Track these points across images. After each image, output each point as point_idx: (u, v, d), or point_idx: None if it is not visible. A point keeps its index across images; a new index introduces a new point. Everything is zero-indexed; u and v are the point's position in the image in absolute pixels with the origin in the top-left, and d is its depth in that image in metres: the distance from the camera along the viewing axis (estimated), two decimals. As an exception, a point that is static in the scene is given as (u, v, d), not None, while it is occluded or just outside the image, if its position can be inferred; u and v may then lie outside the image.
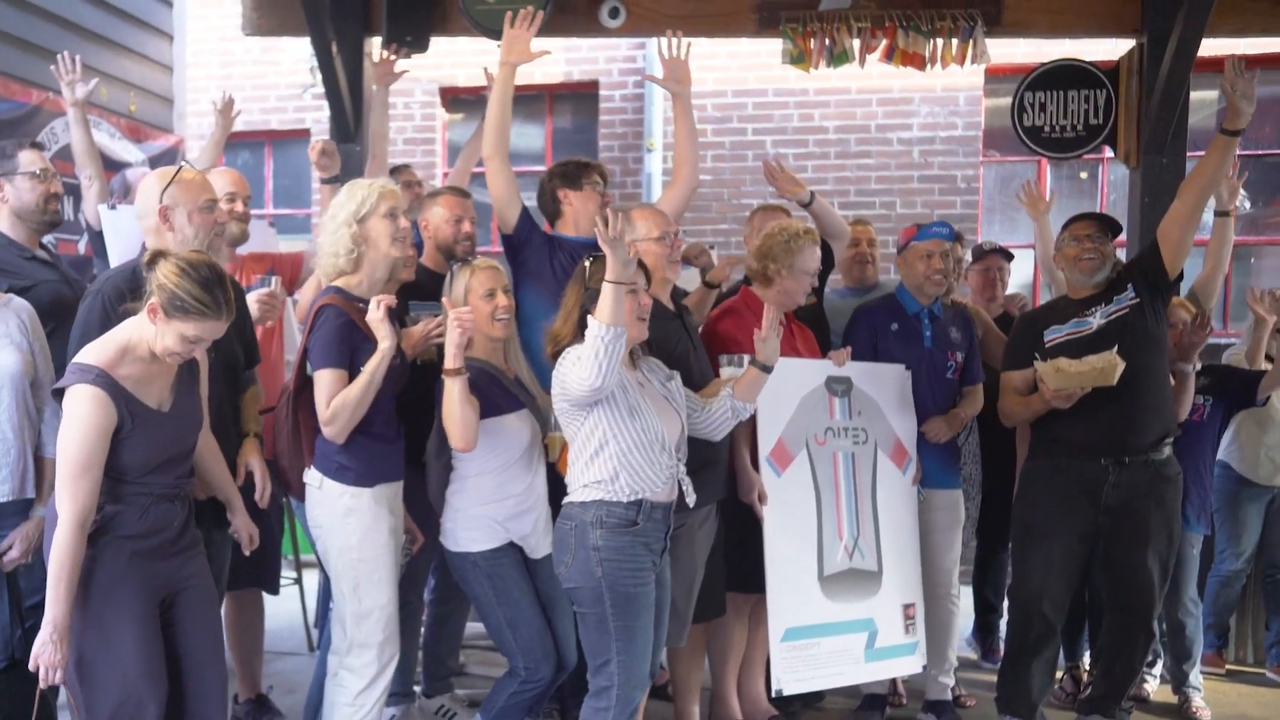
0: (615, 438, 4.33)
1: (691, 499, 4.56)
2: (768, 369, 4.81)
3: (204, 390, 4.18)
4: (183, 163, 5.25)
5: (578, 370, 4.20)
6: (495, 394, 4.73)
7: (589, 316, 4.18)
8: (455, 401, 4.47)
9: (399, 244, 4.70)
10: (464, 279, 4.84)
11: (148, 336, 3.83)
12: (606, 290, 4.12)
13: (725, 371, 5.11)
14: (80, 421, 3.71)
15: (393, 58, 6.85)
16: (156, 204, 4.43)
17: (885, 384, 5.75)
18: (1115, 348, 5.26)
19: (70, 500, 3.66)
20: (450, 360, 4.47)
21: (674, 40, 5.72)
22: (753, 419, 5.19)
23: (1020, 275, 7.04)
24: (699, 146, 5.89)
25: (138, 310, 3.86)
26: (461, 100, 10.47)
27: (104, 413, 3.72)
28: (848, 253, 6.55)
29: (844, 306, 6.35)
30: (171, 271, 3.75)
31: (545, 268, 5.46)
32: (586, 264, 4.47)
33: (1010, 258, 7.03)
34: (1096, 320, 5.49)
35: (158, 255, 3.84)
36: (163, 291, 3.74)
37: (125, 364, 3.82)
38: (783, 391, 5.29)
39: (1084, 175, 9.77)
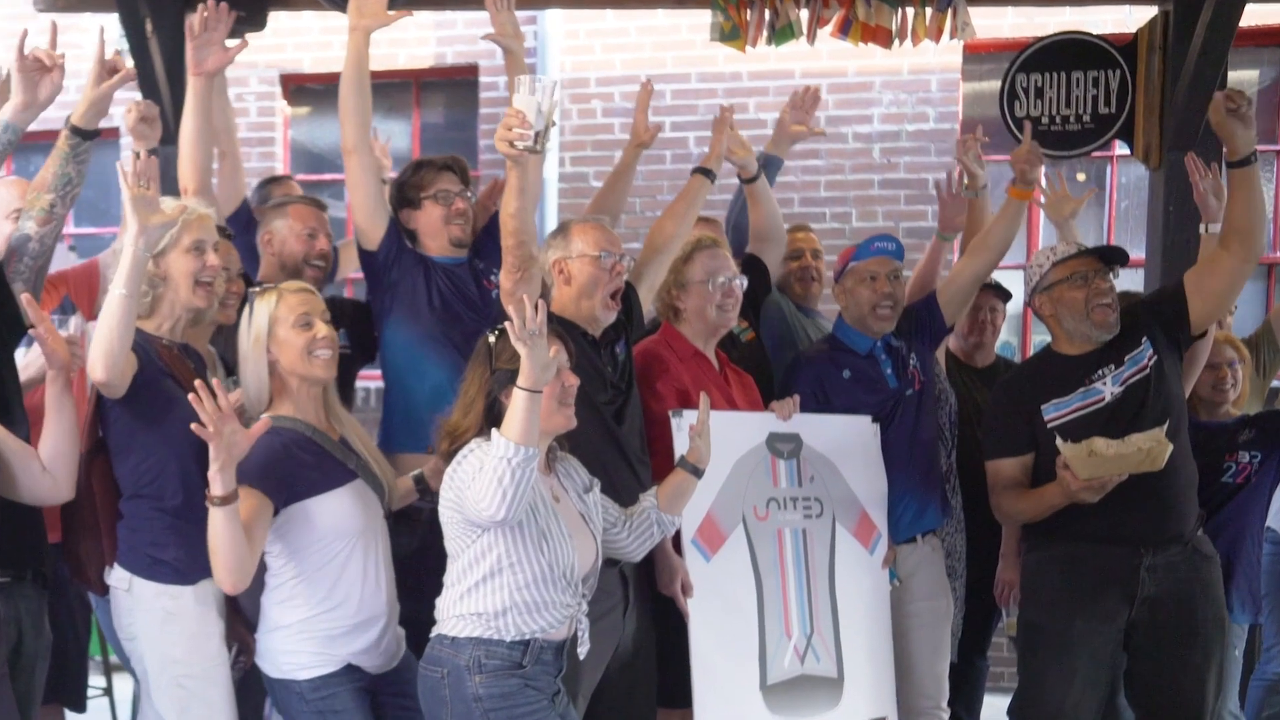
0: (513, 568, 4.13)
1: (584, 649, 4.39)
2: (699, 473, 4.73)
3: None
4: None
5: (476, 488, 3.97)
6: (315, 467, 4.43)
7: (495, 432, 3.94)
8: (219, 536, 3.99)
9: (203, 290, 4.58)
10: (266, 306, 4.47)
11: None
12: (518, 400, 3.89)
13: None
14: None
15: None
16: None
17: (844, 441, 5.61)
18: (1165, 425, 5.06)
19: None
20: (214, 485, 3.96)
21: None
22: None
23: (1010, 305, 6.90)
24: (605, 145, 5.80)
25: None
26: (307, 90, 10.35)
27: None
28: (788, 266, 6.52)
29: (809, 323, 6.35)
30: None
31: (420, 295, 5.39)
32: (490, 339, 4.26)
33: (1007, 296, 6.79)
34: (1109, 388, 5.32)
35: None
36: None
37: None
38: (713, 454, 5.01)
39: (1082, 177, 9.72)
